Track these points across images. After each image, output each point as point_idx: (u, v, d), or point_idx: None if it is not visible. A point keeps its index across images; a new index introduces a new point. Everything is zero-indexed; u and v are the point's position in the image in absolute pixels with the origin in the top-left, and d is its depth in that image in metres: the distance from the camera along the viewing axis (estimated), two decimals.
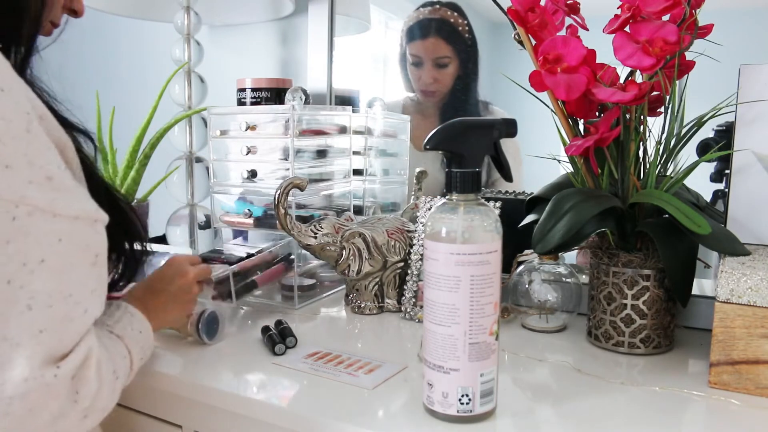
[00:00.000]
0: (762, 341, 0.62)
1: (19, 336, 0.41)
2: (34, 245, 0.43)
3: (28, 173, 0.43)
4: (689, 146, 0.73)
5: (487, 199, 0.88)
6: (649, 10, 0.66)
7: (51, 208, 0.44)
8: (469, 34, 1.13)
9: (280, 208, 0.84)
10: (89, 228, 0.47)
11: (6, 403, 0.41)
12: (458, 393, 0.56)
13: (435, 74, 1.16)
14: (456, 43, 1.15)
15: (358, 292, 0.92)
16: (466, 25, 1.14)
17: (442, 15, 1.15)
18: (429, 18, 1.16)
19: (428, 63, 1.16)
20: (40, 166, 0.44)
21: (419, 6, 1.17)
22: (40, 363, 0.42)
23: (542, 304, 0.86)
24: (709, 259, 0.80)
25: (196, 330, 0.76)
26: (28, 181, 0.43)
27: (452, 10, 1.14)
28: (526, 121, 1.00)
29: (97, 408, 0.48)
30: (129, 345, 0.57)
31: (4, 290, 0.41)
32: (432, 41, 1.16)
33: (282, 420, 0.61)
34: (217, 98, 1.22)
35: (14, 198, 0.42)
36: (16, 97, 0.44)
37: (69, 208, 0.45)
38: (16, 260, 0.42)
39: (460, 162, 0.80)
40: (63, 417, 0.44)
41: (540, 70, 0.69)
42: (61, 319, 0.44)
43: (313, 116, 0.98)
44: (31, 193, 0.43)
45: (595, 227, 0.71)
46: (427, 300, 0.57)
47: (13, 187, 0.42)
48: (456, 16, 1.14)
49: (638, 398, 0.63)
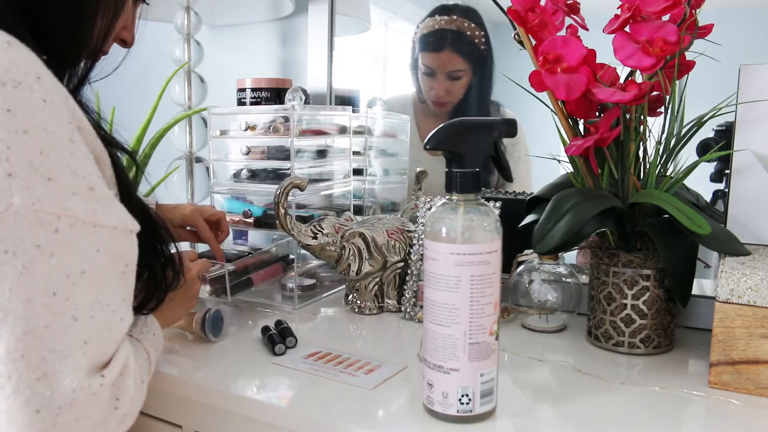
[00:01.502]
0: (762, 341, 0.62)
1: (66, 348, 0.42)
2: (75, 257, 0.43)
3: (71, 184, 0.44)
4: (689, 146, 0.73)
5: (487, 199, 0.87)
6: (649, 10, 0.66)
7: (92, 219, 0.44)
8: (485, 45, 1.09)
9: (280, 208, 0.84)
10: (125, 238, 0.48)
11: (54, 413, 0.41)
12: (458, 393, 0.56)
13: (447, 86, 1.13)
14: (471, 56, 1.11)
15: (358, 292, 0.92)
16: (482, 35, 1.09)
17: (458, 26, 1.10)
18: (444, 29, 1.12)
19: (441, 75, 1.13)
20: (82, 177, 0.45)
21: (434, 12, 1.13)
22: (86, 373, 0.43)
23: (542, 304, 0.86)
24: (709, 259, 0.80)
25: (202, 328, 0.77)
26: (71, 192, 0.43)
27: (469, 20, 1.10)
28: (526, 121, 1.00)
29: (132, 413, 0.49)
30: (147, 348, 0.57)
31: (50, 303, 0.42)
32: (446, 55, 1.13)
33: (282, 420, 0.61)
34: (217, 98, 1.22)
35: (57, 210, 0.42)
36: (59, 107, 0.45)
37: (108, 219, 0.46)
38: (59, 273, 0.42)
39: (460, 162, 0.80)
40: (104, 424, 0.45)
41: (540, 70, 0.69)
42: (102, 328, 0.45)
43: (313, 116, 0.98)
44: (73, 205, 0.43)
45: (595, 227, 0.71)
46: (427, 300, 0.57)
47: (56, 199, 0.42)
48: (473, 27, 1.09)
49: (638, 398, 0.63)
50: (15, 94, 0.42)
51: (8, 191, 0.40)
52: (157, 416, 0.72)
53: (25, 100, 0.42)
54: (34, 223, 0.41)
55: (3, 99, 0.41)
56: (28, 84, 0.43)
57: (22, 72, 0.43)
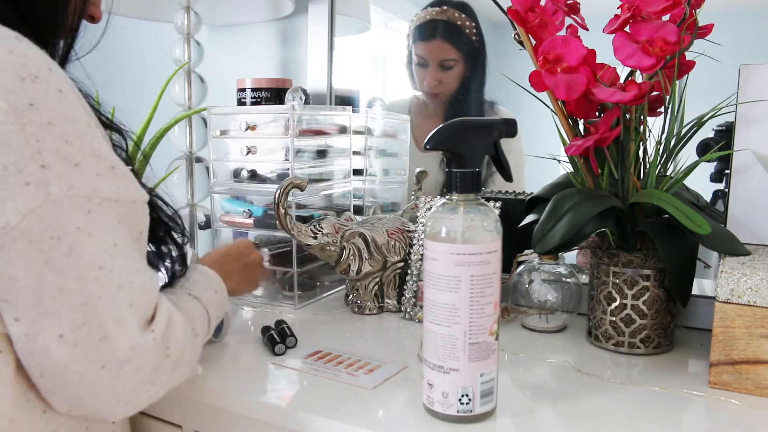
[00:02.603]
0: (762, 341, 0.62)
1: (118, 313, 0.47)
2: (107, 232, 0.48)
3: (95, 166, 0.47)
4: (689, 146, 0.73)
5: (487, 199, 0.87)
6: (649, 10, 0.66)
7: (115, 195, 0.49)
8: (476, 36, 1.11)
9: (280, 208, 0.84)
10: (140, 209, 0.52)
11: (117, 367, 0.47)
12: (458, 393, 0.56)
13: (439, 76, 1.15)
14: (462, 46, 1.13)
15: (358, 292, 0.92)
16: (473, 27, 1.12)
17: (449, 16, 1.13)
18: (436, 19, 1.14)
19: (433, 65, 1.15)
20: (104, 157, 0.48)
21: (427, 5, 1.16)
22: (139, 331, 0.48)
23: (542, 304, 0.86)
24: (709, 259, 0.80)
25: None
26: (96, 174, 0.47)
27: (460, 11, 1.13)
28: (526, 121, 1.00)
29: (183, 361, 0.53)
30: (206, 305, 0.61)
31: (99, 276, 0.47)
32: (437, 43, 1.15)
33: (282, 420, 0.61)
34: (217, 98, 1.22)
35: (87, 193, 0.46)
36: (71, 95, 0.48)
37: (128, 193, 0.50)
38: (100, 248, 0.47)
39: (460, 162, 0.80)
40: (158, 371, 0.50)
41: (540, 70, 0.69)
42: (142, 290, 0.50)
43: (313, 116, 0.98)
44: (100, 185, 0.47)
45: (595, 227, 0.71)
46: (427, 300, 0.57)
47: (85, 183, 0.46)
48: (464, 18, 1.12)
49: (638, 398, 0.63)
50: (34, 88, 0.45)
51: (45, 182, 0.44)
52: (157, 416, 0.72)
53: (44, 93, 0.45)
54: (71, 208, 0.45)
55: (24, 94, 0.44)
56: (44, 77, 0.46)
57: (36, 66, 0.45)
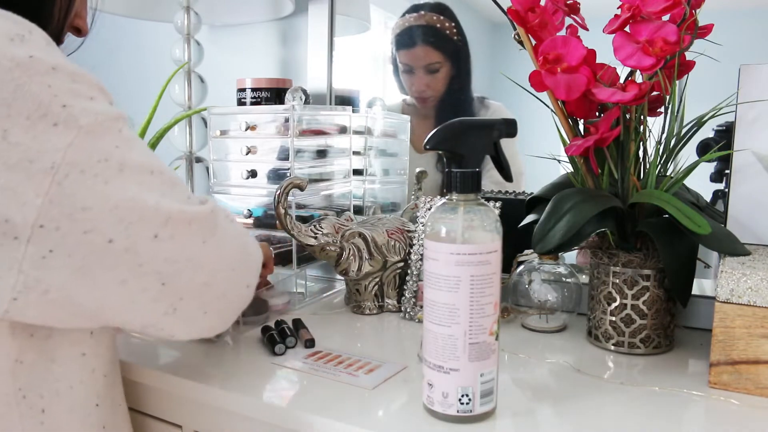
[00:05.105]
0: (762, 341, 0.62)
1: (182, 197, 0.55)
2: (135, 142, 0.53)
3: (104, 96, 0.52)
4: (689, 146, 0.73)
5: (487, 199, 0.88)
6: (649, 10, 0.66)
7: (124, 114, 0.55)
8: (458, 36, 1.12)
9: (280, 208, 0.84)
10: None
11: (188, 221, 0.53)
12: (458, 393, 0.56)
13: (427, 80, 1.15)
14: (445, 48, 1.13)
15: (358, 292, 0.92)
16: (453, 27, 1.12)
17: (427, 21, 1.13)
18: (415, 25, 1.15)
19: (419, 70, 1.16)
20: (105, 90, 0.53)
21: (405, 12, 1.16)
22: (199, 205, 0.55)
23: (542, 304, 0.86)
24: (709, 259, 0.80)
25: None
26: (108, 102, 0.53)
27: (438, 14, 1.13)
28: (526, 121, 1.00)
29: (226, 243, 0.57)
30: None
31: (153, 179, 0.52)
32: (420, 49, 1.15)
33: (282, 420, 0.61)
34: (217, 98, 1.22)
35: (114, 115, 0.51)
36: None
37: None
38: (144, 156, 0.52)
39: (460, 162, 0.80)
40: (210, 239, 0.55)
41: (540, 70, 0.69)
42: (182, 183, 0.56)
43: (313, 116, 0.98)
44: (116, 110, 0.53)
45: (595, 227, 0.71)
46: (427, 300, 0.57)
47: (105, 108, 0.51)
48: (443, 20, 1.12)
49: (638, 398, 0.63)
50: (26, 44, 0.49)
51: (73, 118, 0.48)
52: (157, 416, 0.72)
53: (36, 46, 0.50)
54: (104, 133, 0.50)
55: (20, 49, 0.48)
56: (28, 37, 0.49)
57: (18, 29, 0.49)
